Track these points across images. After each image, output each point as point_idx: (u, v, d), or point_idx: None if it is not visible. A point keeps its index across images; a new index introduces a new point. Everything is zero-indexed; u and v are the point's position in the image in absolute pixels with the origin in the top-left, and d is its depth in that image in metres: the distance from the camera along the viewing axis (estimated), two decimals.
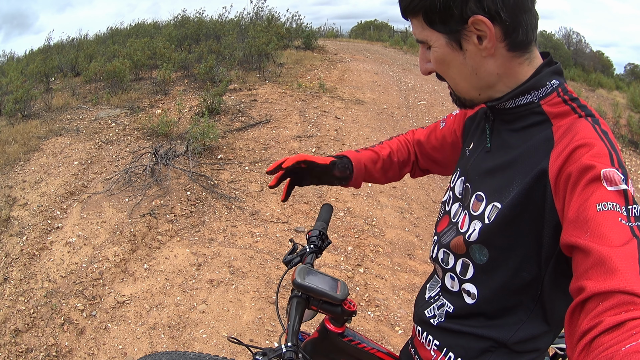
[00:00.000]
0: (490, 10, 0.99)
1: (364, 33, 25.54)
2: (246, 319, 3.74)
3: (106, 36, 15.20)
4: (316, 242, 1.67)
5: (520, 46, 1.06)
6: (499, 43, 1.04)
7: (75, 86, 9.95)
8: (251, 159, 6.52)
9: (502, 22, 1.01)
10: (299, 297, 1.40)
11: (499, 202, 1.11)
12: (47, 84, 10.29)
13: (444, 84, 1.21)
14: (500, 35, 1.03)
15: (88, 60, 11.24)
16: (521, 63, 1.09)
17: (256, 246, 4.72)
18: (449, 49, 1.09)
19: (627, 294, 0.74)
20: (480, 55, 1.06)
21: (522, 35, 1.04)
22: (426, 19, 1.08)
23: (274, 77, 10.61)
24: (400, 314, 3.93)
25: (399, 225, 5.39)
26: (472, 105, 1.21)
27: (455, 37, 1.06)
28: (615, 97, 16.08)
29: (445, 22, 1.05)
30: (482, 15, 1.00)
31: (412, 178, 1.78)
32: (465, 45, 1.06)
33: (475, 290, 1.20)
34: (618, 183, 0.89)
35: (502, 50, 1.05)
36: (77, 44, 13.77)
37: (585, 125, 1.01)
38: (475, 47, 1.05)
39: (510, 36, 1.03)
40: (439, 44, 1.09)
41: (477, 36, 1.03)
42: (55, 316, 3.64)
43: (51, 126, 7.57)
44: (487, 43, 1.03)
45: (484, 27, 1.01)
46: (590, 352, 0.74)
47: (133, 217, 4.99)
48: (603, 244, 0.82)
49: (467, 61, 1.09)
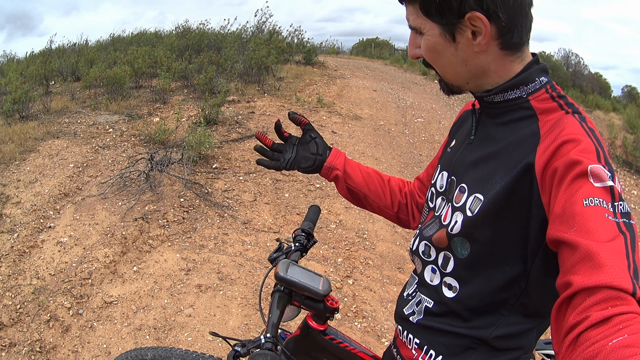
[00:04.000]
0: (489, 9, 1.01)
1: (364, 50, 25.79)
2: (232, 324, 3.74)
3: (108, 43, 15.29)
4: (302, 240, 1.67)
5: (513, 46, 1.08)
6: (493, 41, 1.06)
7: (75, 90, 10.01)
8: (246, 170, 6.56)
9: (499, 22, 1.02)
10: (281, 292, 1.40)
11: (480, 194, 1.11)
12: (46, 87, 10.33)
13: (442, 102, 1.22)
14: (495, 34, 1.05)
15: (89, 66, 11.28)
16: (512, 61, 1.10)
17: (246, 254, 4.74)
18: (442, 39, 1.09)
19: (614, 289, 0.75)
20: (472, 50, 1.08)
21: (517, 37, 1.06)
22: (423, 8, 1.09)
23: (273, 91, 10.68)
24: (387, 326, 3.93)
25: (390, 239, 5.40)
26: (459, 91, 1.21)
27: (450, 29, 1.07)
28: (612, 118, 16.24)
29: (442, 14, 1.06)
30: (480, 12, 1.01)
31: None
32: (458, 38, 1.07)
33: (456, 284, 1.20)
34: (605, 179, 0.89)
35: (495, 48, 1.07)
36: (79, 48, 13.84)
37: (572, 121, 1.02)
38: (468, 42, 1.07)
39: (505, 36, 1.05)
40: (432, 33, 1.10)
41: (472, 31, 1.05)
42: (42, 313, 3.65)
43: (49, 128, 7.59)
44: (482, 40, 1.05)
45: (481, 24, 1.02)
46: (577, 347, 0.74)
47: (125, 220, 5.01)
48: (590, 239, 0.82)
49: (458, 53, 1.10)
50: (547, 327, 1.19)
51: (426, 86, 14.85)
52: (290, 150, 1.60)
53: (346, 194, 1.65)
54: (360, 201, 1.66)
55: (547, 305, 1.09)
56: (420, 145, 8.82)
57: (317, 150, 1.58)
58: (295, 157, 1.59)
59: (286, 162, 1.59)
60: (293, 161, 1.59)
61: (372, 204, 1.65)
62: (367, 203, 1.65)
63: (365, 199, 1.64)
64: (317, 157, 1.58)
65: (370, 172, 1.64)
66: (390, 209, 1.65)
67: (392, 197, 1.64)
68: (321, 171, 1.60)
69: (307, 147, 1.59)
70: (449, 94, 1.24)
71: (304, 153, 1.60)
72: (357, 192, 1.62)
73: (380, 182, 1.64)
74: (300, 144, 1.61)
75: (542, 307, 1.13)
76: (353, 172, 1.61)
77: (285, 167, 1.59)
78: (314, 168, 1.59)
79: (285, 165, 1.59)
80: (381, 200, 1.64)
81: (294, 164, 1.59)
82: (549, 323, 1.02)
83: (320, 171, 1.60)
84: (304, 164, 1.59)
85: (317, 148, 1.58)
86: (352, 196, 1.64)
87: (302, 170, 1.60)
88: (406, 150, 8.39)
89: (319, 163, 1.58)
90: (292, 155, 1.59)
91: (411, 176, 7.28)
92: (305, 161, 1.59)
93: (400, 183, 1.68)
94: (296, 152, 1.60)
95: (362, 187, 1.62)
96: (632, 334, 0.68)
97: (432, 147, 8.84)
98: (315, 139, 1.59)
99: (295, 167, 1.59)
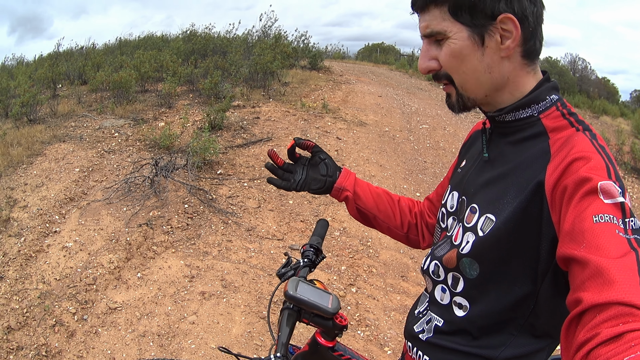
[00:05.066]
0: (519, 13, 1.01)
1: (370, 55, 25.74)
2: (235, 332, 3.76)
3: (115, 46, 15.36)
4: (310, 256, 1.66)
5: (532, 55, 1.08)
6: (518, 47, 1.05)
7: (82, 94, 10.08)
8: (250, 176, 6.58)
9: (527, 27, 1.03)
10: (290, 309, 1.38)
11: (492, 214, 1.10)
12: (54, 90, 10.42)
13: (447, 108, 1.18)
14: (521, 39, 1.04)
15: (95, 69, 11.36)
16: (528, 72, 1.10)
17: (250, 261, 4.75)
18: (470, 42, 1.07)
19: (626, 306, 0.72)
20: (499, 55, 1.07)
21: (538, 45, 1.07)
22: (452, 10, 1.06)
23: (278, 96, 10.72)
24: (390, 335, 3.94)
25: (394, 247, 5.40)
26: (472, 105, 1.18)
27: (480, 31, 1.05)
28: (620, 124, 16.02)
29: (473, 15, 1.04)
30: (512, 14, 1.01)
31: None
32: (487, 42, 1.06)
33: (467, 303, 1.19)
34: (615, 196, 0.88)
35: (517, 55, 1.07)
36: (86, 52, 13.92)
37: (582, 138, 1.01)
38: (497, 46, 1.05)
39: (528, 43, 1.06)
40: (460, 36, 1.07)
41: (500, 35, 1.04)
42: (47, 317, 3.69)
43: (55, 132, 7.66)
44: (510, 43, 1.04)
45: (512, 26, 1.02)
46: None
47: (130, 226, 5.05)
48: (600, 255, 0.80)
49: (484, 58, 1.08)
50: (556, 347, 1.17)
51: (431, 92, 14.86)
52: (300, 171, 1.60)
53: (356, 215, 1.65)
54: (369, 221, 1.66)
55: (556, 326, 1.08)
56: (425, 152, 8.81)
57: (327, 171, 1.58)
58: (305, 179, 1.60)
59: (296, 184, 1.59)
60: (303, 183, 1.59)
61: (382, 225, 1.65)
62: (377, 223, 1.65)
63: (375, 219, 1.64)
64: (327, 178, 1.58)
65: (380, 192, 1.64)
66: (400, 229, 1.65)
67: (402, 217, 1.64)
68: (331, 192, 1.60)
69: (316, 169, 1.60)
70: (460, 110, 1.20)
71: (313, 175, 1.60)
72: (367, 213, 1.62)
73: (390, 203, 1.64)
74: (310, 165, 1.61)
75: (551, 328, 1.12)
76: (363, 193, 1.61)
77: (296, 189, 1.59)
78: (324, 189, 1.59)
79: (295, 186, 1.59)
80: (391, 220, 1.64)
81: (304, 185, 1.60)
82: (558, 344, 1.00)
83: (330, 192, 1.60)
84: (314, 185, 1.59)
85: (327, 169, 1.59)
86: (362, 217, 1.65)
87: (312, 192, 1.60)
88: (411, 157, 8.38)
89: (329, 185, 1.58)
90: (302, 176, 1.60)
91: (415, 183, 7.30)
92: (315, 183, 1.59)
93: (410, 203, 1.67)
94: (306, 173, 1.60)
95: (372, 208, 1.62)
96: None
97: (436, 154, 8.82)
98: (325, 160, 1.59)
99: (306, 188, 1.60)
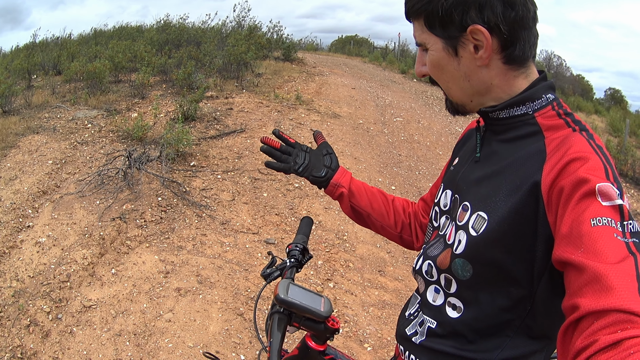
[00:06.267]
0: (490, 22, 1.01)
1: (343, 47, 25.70)
2: (213, 329, 3.76)
3: (90, 37, 15.16)
4: (297, 256, 1.61)
5: (516, 60, 1.08)
6: (495, 55, 1.06)
7: (56, 85, 9.98)
8: (224, 168, 6.62)
9: (501, 35, 1.03)
10: (281, 313, 1.33)
11: (484, 212, 1.09)
12: (29, 81, 10.31)
13: (421, 101, 1.23)
14: (497, 48, 1.05)
15: (70, 60, 11.25)
16: (517, 76, 1.10)
17: (225, 256, 4.77)
18: (445, 53, 1.10)
19: (624, 313, 0.71)
20: (475, 64, 1.08)
21: (519, 51, 1.06)
22: (427, 23, 1.10)
23: (251, 87, 10.73)
24: (369, 331, 3.97)
25: (371, 241, 5.45)
26: (464, 111, 1.21)
27: (452, 43, 1.08)
28: (594, 120, 16.37)
29: (444, 27, 1.07)
30: (482, 25, 1.02)
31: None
32: (460, 52, 1.08)
33: (461, 304, 1.17)
34: (613, 198, 0.87)
35: (498, 62, 1.07)
36: (61, 42, 13.74)
37: (579, 139, 1.00)
38: (471, 55, 1.07)
39: (507, 50, 1.05)
40: (436, 47, 1.11)
41: (474, 45, 1.05)
42: (22, 317, 3.63)
43: (29, 123, 7.60)
44: (483, 53, 1.05)
45: (482, 37, 1.03)
46: None
47: (103, 220, 5.05)
48: (598, 260, 0.79)
49: (460, 67, 1.10)
50: (554, 350, 1.13)
51: (405, 85, 14.90)
52: (302, 156, 1.60)
53: (350, 212, 1.64)
54: (363, 220, 1.65)
55: (553, 326, 1.08)
56: (400, 144, 8.89)
57: (330, 164, 1.60)
58: (308, 165, 1.59)
59: (299, 167, 1.59)
60: (306, 167, 1.59)
61: (375, 223, 1.64)
62: (370, 222, 1.64)
63: (369, 217, 1.63)
64: (329, 170, 1.59)
65: (375, 191, 1.64)
66: (393, 228, 1.63)
67: (396, 217, 1.63)
68: (327, 187, 1.60)
69: (320, 159, 1.61)
70: (455, 113, 1.25)
71: (316, 162, 1.60)
72: (361, 211, 1.62)
73: (384, 202, 1.64)
74: (313, 154, 1.62)
75: (548, 329, 1.11)
76: (358, 191, 1.61)
77: (297, 172, 1.59)
78: (324, 180, 1.59)
79: (297, 169, 1.59)
80: (384, 220, 1.62)
81: (306, 170, 1.59)
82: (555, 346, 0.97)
83: (326, 187, 1.60)
84: (315, 172, 1.59)
85: (331, 163, 1.60)
86: (356, 215, 1.64)
87: (312, 179, 1.59)
88: (385, 149, 8.46)
89: (329, 176, 1.59)
90: (305, 161, 1.59)
91: (390, 176, 7.41)
92: (317, 170, 1.59)
93: (405, 203, 1.67)
94: (309, 159, 1.60)
95: (366, 207, 1.61)
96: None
97: (411, 147, 8.92)
98: (331, 154, 1.62)
99: (307, 173, 1.59)
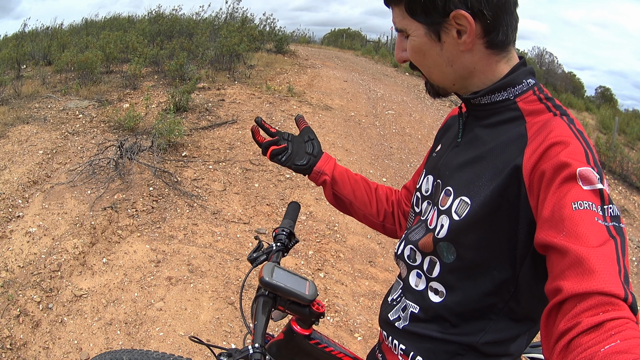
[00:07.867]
0: (473, 7, 1.01)
1: (336, 40, 25.72)
2: (204, 318, 3.78)
3: (81, 27, 15.03)
4: (283, 240, 1.61)
5: (499, 45, 1.08)
6: (478, 39, 1.06)
7: (46, 75, 9.88)
8: (215, 158, 6.62)
9: (484, 20, 1.03)
10: (266, 296, 1.34)
11: (467, 197, 1.10)
12: (18, 71, 10.19)
13: (412, 95, 1.24)
14: (480, 32, 1.05)
15: (61, 50, 11.12)
16: (498, 61, 1.10)
17: (216, 245, 4.79)
18: (427, 39, 1.10)
19: (605, 295, 0.74)
20: (458, 49, 1.08)
21: (502, 35, 1.07)
22: (408, 9, 1.09)
23: (243, 78, 10.72)
24: (360, 321, 4.00)
25: (361, 232, 5.47)
26: (445, 94, 1.22)
27: (435, 28, 1.07)
28: (585, 118, 16.51)
29: (427, 13, 1.06)
30: (465, 10, 1.01)
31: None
32: (443, 38, 1.08)
33: (443, 289, 1.18)
34: (594, 182, 0.88)
35: (481, 47, 1.07)
36: (52, 32, 13.61)
37: (560, 123, 1.01)
38: (454, 41, 1.07)
39: (490, 34, 1.06)
40: (418, 33, 1.10)
41: (457, 30, 1.05)
42: (11, 307, 3.60)
43: (19, 113, 7.54)
44: (467, 38, 1.05)
45: (465, 22, 1.03)
46: (568, 354, 0.73)
47: (94, 209, 5.04)
48: (580, 244, 0.81)
49: (443, 53, 1.10)
50: (537, 332, 1.14)
51: (397, 78, 14.92)
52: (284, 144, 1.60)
53: (332, 200, 1.64)
54: (346, 208, 1.65)
55: (536, 309, 1.10)
56: (391, 137, 8.91)
57: (313, 151, 1.58)
58: (290, 154, 1.58)
59: (282, 156, 1.58)
60: (289, 157, 1.58)
61: (358, 212, 1.64)
62: (353, 210, 1.64)
63: (351, 205, 1.62)
64: (311, 157, 1.58)
65: (358, 179, 1.63)
66: (375, 217, 1.63)
67: (379, 205, 1.63)
68: (310, 175, 1.59)
69: (302, 146, 1.59)
70: (435, 96, 1.25)
71: (298, 150, 1.59)
72: (343, 199, 1.61)
73: (367, 190, 1.63)
74: (295, 142, 1.60)
75: (531, 312, 1.13)
76: (341, 178, 1.59)
77: (280, 162, 1.58)
78: (307, 168, 1.58)
79: (280, 159, 1.58)
80: (367, 208, 1.62)
81: (289, 159, 1.58)
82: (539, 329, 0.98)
83: (310, 174, 1.59)
84: (297, 161, 1.57)
85: (313, 149, 1.59)
86: (338, 202, 1.64)
87: (294, 167, 1.58)
88: (377, 142, 8.47)
89: (312, 163, 1.57)
90: (287, 150, 1.58)
91: (381, 168, 7.45)
92: (299, 158, 1.57)
93: (388, 191, 1.66)
94: (291, 148, 1.59)
95: (348, 194, 1.60)
96: (624, 339, 0.68)
97: (402, 139, 8.94)
98: (313, 141, 1.60)
99: (289, 163, 1.58)
